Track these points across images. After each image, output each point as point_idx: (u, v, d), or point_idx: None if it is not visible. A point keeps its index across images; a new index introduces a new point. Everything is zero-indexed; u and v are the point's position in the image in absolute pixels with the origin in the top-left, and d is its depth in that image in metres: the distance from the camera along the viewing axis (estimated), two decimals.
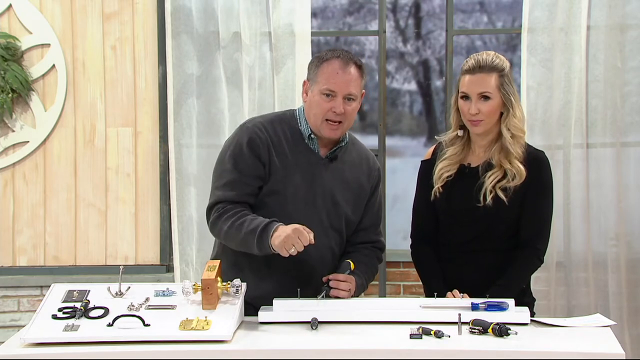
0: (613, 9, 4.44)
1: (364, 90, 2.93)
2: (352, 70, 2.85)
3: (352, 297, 2.84)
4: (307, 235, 2.65)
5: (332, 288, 2.80)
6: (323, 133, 2.88)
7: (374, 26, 4.85)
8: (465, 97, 2.92)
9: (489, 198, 2.89)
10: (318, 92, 2.84)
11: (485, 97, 2.90)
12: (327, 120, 2.85)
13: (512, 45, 4.98)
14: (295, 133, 2.91)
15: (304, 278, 2.85)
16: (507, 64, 2.94)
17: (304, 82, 2.92)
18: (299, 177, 2.87)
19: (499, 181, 2.90)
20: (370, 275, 2.99)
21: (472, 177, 2.94)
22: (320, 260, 2.90)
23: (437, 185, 2.97)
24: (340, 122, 2.85)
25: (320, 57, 2.88)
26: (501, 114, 2.92)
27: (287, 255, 2.67)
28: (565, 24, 4.45)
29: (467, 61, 2.95)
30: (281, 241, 2.66)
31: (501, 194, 2.88)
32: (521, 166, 2.89)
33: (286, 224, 2.74)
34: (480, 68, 2.91)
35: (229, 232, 2.81)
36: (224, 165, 2.90)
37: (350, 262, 2.88)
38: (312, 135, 2.90)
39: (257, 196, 2.87)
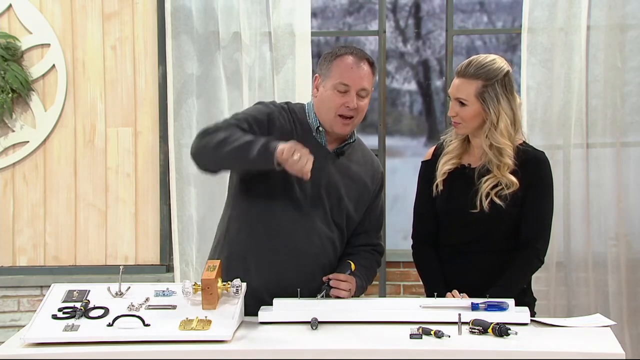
0: (613, 9, 4.44)
1: (372, 88, 2.94)
2: (366, 66, 2.86)
3: (351, 298, 2.85)
4: (310, 163, 2.61)
5: (332, 287, 2.80)
6: (334, 128, 2.88)
7: (374, 26, 4.85)
8: (449, 97, 2.95)
9: (485, 204, 2.88)
10: (331, 87, 2.84)
11: (461, 103, 2.90)
12: (339, 115, 2.85)
13: (512, 45, 4.98)
14: (304, 125, 2.91)
15: (306, 267, 2.86)
16: (500, 72, 2.88)
17: (316, 76, 2.91)
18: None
19: (494, 187, 2.89)
20: (369, 278, 3.00)
21: (471, 179, 2.94)
22: (322, 249, 2.90)
23: (439, 179, 2.97)
24: (351, 117, 2.86)
25: (333, 53, 2.88)
26: (485, 121, 2.91)
27: (287, 156, 2.58)
28: (565, 24, 4.45)
29: (463, 62, 2.95)
30: (291, 146, 2.60)
31: (498, 200, 2.88)
32: (512, 177, 2.88)
33: (291, 212, 2.81)
34: (465, 73, 2.90)
35: (226, 140, 2.69)
36: (233, 115, 2.90)
37: (351, 263, 2.88)
38: (320, 128, 2.90)
39: None
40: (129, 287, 2.70)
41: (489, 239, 2.93)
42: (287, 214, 2.86)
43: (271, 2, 4.53)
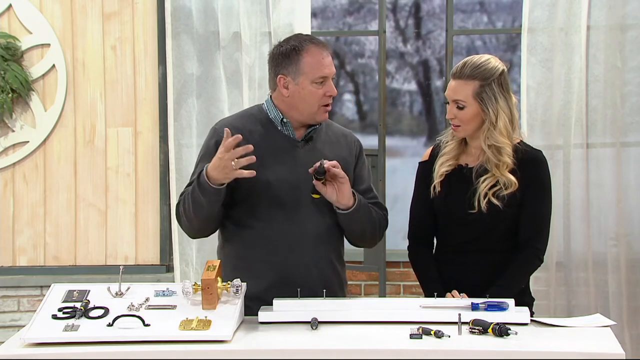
0: (613, 9, 4.44)
1: None
2: (327, 50, 2.90)
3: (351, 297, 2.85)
4: (232, 141, 2.65)
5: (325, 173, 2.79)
6: (318, 118, 2.91)
7: (374, 26, 4.85)
8: (447, 102, 2.94)
9: (483, 204, 2.88)
10: (309, 83, 2.85)
11: (459, 105, 2.90)
12: (321, 105, 2.88)
13: (512, 45, 4.99)
14: (266, 123, 2.93)
15: (304, 260, 2.87)
16: (496, 72, 2.88)
17: (280, 77, 2.88)
18: (279, 163, 2.88)
19: (492, 186, 2.89)
20: (371, 211, 2.94)
21: (468, 179, 2.94)
22: (325, 239, 2.90)
23: (436, 180, 2.97)
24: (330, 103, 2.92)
25: (294, 49, 2.86)
26: (484, 121, 2.91)
27: (232, 175, 2.68)
28: (565, 24, 4.45)
29: (458, 64, 2.94)
30: (215, 168, 2.69)
31: (495, 201, 2.88)
32: (511, 176, 2.88)
33: (278, 209, 2.84)
34: (461, 74, 2.89)
35: (185, 207, 2.83)
36: (195, 168, 2.96)
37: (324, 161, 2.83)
38: (285, 120, 2.91)
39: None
40: (129, 287, 2.70)
41: (488, 238, 2.93)
42: (275, 217, 2.87)
43: (271, 2, 4.53)
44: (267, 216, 2.87)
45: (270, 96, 2.96)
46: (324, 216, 2.91)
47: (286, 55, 2.87)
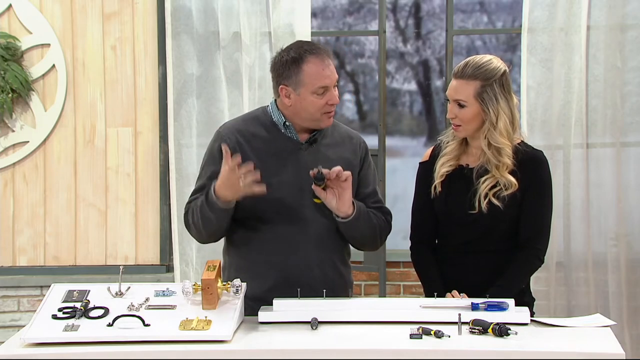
0: (613, 9, 4.44)
1: None
2: (328, 58, 2.88)
3: (352, 297, 2.85)
4: (234, 163, 2.66)
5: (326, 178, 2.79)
6: (321, 125, 2.91)
7: (374, 26, 4.85)
8: (448, 100, 2.94)
9: (483, 204, 2.88)
10: (310, 93, 2.84)
11: (460, 105, 2.89)
12: (324, 113, 2.88)
13: (512, 45, 4.99)
14: (270, 125, 2.93)
15: (307, 261, 2.87)
16: (498, 72, 2.88)
17: (281, 87, 2.88)
18: (282, 165, 2.89)
19: (493, 187, 2.89)
20: (371, 218, 2.93)
21: (469, 180, 2.94)
22: (319, 239, 2.90)
23: (437, 181, 2.97)
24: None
25: (294, 60, 2.85)
26: (484, 121, 2.91)
27: (242, 193, 2.71)
28: (565, 24, 4.45)
29: (460, 63, 2.94)
30: (222, 186, 2.72)
31: (496, 201, 2.87)
32: (511, 178, 2.87)
33: (281, 211, 2.84)
34: (462, 74, 2.89)
35: (195, 220, 2.87)
36: (200, 172, 2.98)
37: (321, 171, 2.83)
38: (287, 123, 2.91)
39: None
40: (129, 287, 2.70)
41: (489, 239, 2.93)
42: (278, 218, 2.88)
43: (271, 2, 4.53)
44: (270, 218, 2.87)
45: (275, 100, 2.97)
46: (327, 218, 2.91)
47: (286, 66, 2.87)
